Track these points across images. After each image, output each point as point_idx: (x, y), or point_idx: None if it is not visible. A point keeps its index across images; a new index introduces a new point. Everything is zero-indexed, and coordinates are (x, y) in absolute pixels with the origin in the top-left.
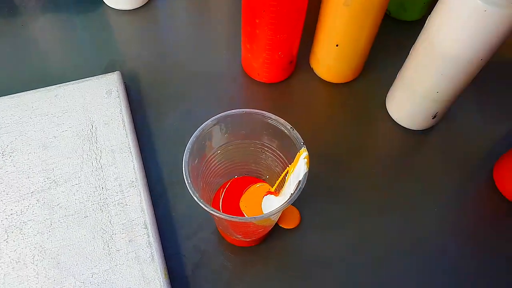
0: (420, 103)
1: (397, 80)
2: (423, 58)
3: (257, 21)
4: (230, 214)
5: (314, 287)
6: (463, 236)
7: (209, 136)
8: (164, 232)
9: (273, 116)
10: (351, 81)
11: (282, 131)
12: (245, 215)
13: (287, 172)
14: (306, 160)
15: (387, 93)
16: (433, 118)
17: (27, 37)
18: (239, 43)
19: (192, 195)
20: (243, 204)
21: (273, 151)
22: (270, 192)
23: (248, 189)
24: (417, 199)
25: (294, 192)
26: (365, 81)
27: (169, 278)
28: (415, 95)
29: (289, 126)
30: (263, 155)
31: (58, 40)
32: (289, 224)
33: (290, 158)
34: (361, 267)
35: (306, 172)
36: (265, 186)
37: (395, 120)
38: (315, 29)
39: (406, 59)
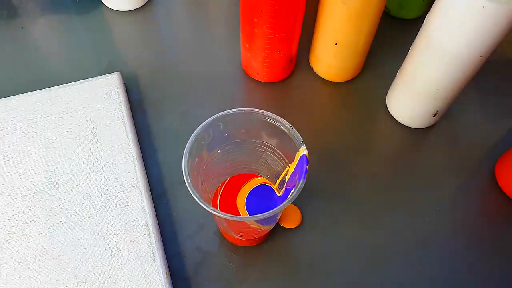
0: (420, 101)
1: (397, 79)
2: (423, 55)
3: (255, 20)
4: (228, 213)
5: (316, 287)
6: (465, 234)
7: (208, 136)
8: (166, 232)
9: (272, 115)
10: (351, 79)
11: (282, 130)
12: (240, 212)
13: (287, 172)
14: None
15: (388, 91)
16: (434, 116)
17: (27, 39)
18: (238, 42)
19: (192, 194)
20: (239, 201)
21: (273, 150)
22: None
23: (244, 186)
24: (419, 197)
25: (294, 191)
26: (365, 79)
27: (171, 278)
28: (415, 93)
29: (288, 124)
30: (263, 154)
31: (57, 42)
32: (291, 223)
33: (290, 157)
34: (363, 267)
35: (305, 171)
36: (260, 180)
37: (396, 118)
38: (314, 27)
39: (406, 57)
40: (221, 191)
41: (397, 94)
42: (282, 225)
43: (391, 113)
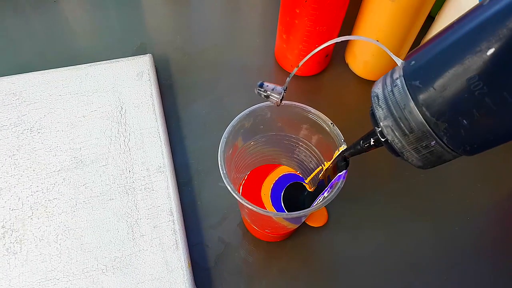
0: None
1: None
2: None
3: (297, 11)
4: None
5: None
6: (492, 247)
7: (245, 127)
8: (189, 220)
9: (313, 110)
10: None
11: (321, 126)
12: (264, 204)
13: (321, 169)
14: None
15: None
16: None
17: (60, 14)
18: (273, 33)
19: (227, 186)
20: (264, 191)
21: (308, 146)
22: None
23: (268, 176)
24: (449, 205)
25: (333, 191)
26: None
27: (191, 267)
28: None
29: (329, 121)
30: (297, 150)
31: (90, 19)
32: (317, 222)
33: (325, 154)
34: (387, 270)
35: (345, 172)
36: (284, 169)
37: None
38: (353, 23)
39: (430, 28)
40: (243, 182)
41: None
42: (308, 223)
43: None
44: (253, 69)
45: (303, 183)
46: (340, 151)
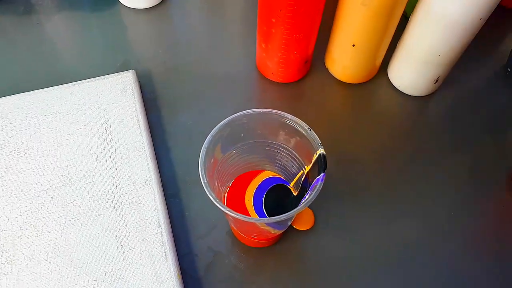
0: (421, 70)
1: (397, 51)
2: (422, 24)
3: (273, 20)
4: (235, 211)
5: None
6: (479, 240)
7: (225, 136)
8: (177, 231)
9: (289, 116)
10: (366, 81)
11: (299, 131)
12: (247, 210)
13: (303, 173)
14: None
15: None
16: (435, 83)
17: (42, 35)
18: (254, 42)
19: (208, 195)
20: (247, 198)
21: (289, 151)
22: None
23: (251, 182)
24: (434, 201)
25: (312, 194)
26: (381, 81)
27: (182, 278)
28: (417, 61)
29: (306, 126)
30: (278, 155)
31: (73, 39)
32: (303, 225)
33: (306, 158)
34: (377, 270)
35: (323, 174)
36: (267, 174)
37: (398, 87)
38: (331, 28)
39: (405, 30)
40: (228, 189)
41: (398, 66)
42: (294, 226)
43: (392, 82)
44: (235, 79)
45: (286, 185)
46: (317, 154)
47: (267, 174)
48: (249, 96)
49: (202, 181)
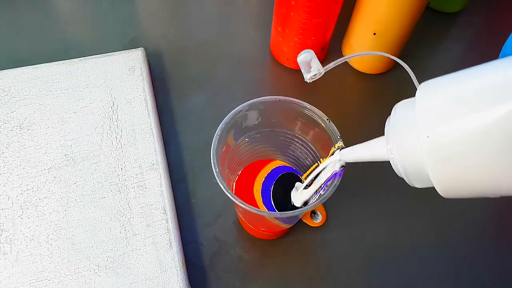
0: None
1: None
2: None
3: (292, 2)
4: (243, 200)
5: (334, 286)
6: (488, 240)
7: (239, 123)
8: (183, 218)
9: (308, 105)
10: (384, 72)
11: (317, 122)
12: (255, 200)
13: (317, 166)
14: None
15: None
16: None
17: (51, 8)
18: (269, 25)
19: (220, 185)
20: (256, 188)
21: (304, 142)
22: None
23: (260, 172)
24: (448, 200)
25: (329, 189)
26: (399, 73)
27: (186, 266)
28: None
29: (325, 117)
30: (292, 146)
31: (82, 12)
32: (314, 222)
33: (322, 150)
34: (385, 267)
35: (342, 168)
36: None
37: None
38: (350, 15)
39: None
40: (237, 177)
41: None
42: (305, 222)
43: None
44: (248, 63)
45: (295, 174)
46: (336, 147)
47: (277, 163)
48: (261, 82)
49: (214, 170)
